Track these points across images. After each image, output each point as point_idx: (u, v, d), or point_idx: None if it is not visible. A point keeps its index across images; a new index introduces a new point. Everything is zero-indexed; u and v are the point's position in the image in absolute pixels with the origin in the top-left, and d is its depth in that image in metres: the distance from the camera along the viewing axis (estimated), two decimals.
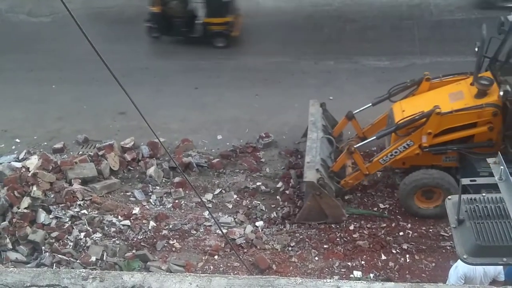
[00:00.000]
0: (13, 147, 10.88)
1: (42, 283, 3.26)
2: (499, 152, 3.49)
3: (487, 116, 7.83)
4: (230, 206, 9.16)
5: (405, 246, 8.19)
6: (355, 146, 8.46)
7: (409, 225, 8.59)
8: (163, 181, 9.76)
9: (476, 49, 7.95)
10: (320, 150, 8.77)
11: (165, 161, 10.08)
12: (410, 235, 8.40)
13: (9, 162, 9.93)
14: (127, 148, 10.20)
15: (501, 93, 7.63)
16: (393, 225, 8.61)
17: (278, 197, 9.29)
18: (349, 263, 7.96)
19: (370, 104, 9.16)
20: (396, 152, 8.21)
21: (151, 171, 9.65)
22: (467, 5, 14.86)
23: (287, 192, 9.26)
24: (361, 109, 9.28)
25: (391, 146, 8.36)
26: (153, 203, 9.27)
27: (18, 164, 9.66)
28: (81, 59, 13.25)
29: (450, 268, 6.39)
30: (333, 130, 9.78)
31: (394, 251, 8.14)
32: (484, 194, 3.32)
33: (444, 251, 8.10)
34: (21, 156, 10.33)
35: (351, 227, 8.55)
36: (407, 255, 8.06)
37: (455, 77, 8.78)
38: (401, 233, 8.43)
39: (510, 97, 7.67)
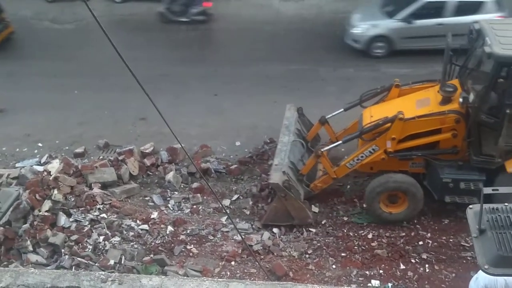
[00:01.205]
0: (36, 151, 11.10)
1: (62, 285, 3.32)
2: None
3: (450, 123, 7.87)
4: (248, 213, 9.17)
5: (424, 256, 8.07)
6: (322, 150, 8.54)
7: (429, 234, 8.47)
8: (182, 186, 9.83)
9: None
10: (290, 153, 8.87)
11: (183, 167, 10.16)
12: (429, 245, 8.28)
13: (31, 166, 10.14)
14: (146, 153, 10.31)
15: (460, 99, 7.68)
16: (412, 234, 8.50)
17: None
18: (367, 272, 7.88)
19: (342, 110, 9.33)
20: (362, 157, 8.31)
21: (169, 176, 9.72)
22: None
23: None
24: (333, 114, 9.40)
25: (357, 150, 8.48)
26: (171, 208, 9.33)
27: (40, 168, 9.85)
28: (102, 65, 13.52)
29: (470, 279, 6.26)
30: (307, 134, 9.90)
31: (413, 261, 8.03)
32: (506, 204, 3.25)
33: (464, 261, 7.96)
34: (43, 160, 10.53)
35: (370, 236, 8.47)
36: (427, 265, 7.95)
37: (424, 84, 8.91)
38: (420, 243, 8.32)
39: (470, 104, 7.71)
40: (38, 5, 18.16)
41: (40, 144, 11.28)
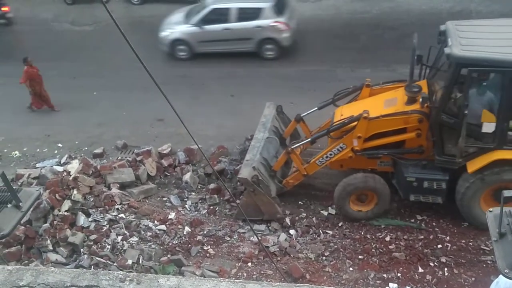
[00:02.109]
0: (56, 152, 11.27)
1: (81, 284, 3.37)
2: None
3: (414, 123, 7.95)
4: None
5: (443, 259, 7.96)
6: (292, 147, 8.73)
7: (448, 237, 8.35)
8: (198, 187, 9.88)
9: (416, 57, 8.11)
10: (263, 149, 9.02)
11: (200, 167, 10.21)
12: (449, 248, 8.16)
13: (52, 166, 10.30)
14: (164, 154, 10.40)
15: (420, 99, 7.75)
16: (431, 237, 8.39)
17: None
18: (385, 275, 7.80)
19: (316, 108, 9.51)
20: (331, 154, 8.50)
21: (187, 177, 9.79)
22: (510, 11, 14.40)
23: None
24: (308, 112, 9.57)
25: (326, 148, 8.63)
26: (188, 209, 9.39)
27: (60, 168, 10.00)
28: (121, 66, 13.68)
29: (490, 283, 6.15)
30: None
31: (431, 264, 7.93)
32: None
33: (484, 265, 7.82)
34: (62, 160, 10.69)
35: (387, 238, 8.38)
36: (446, 269, 7.83)
37: (394, 84, 9.01)
38: (439, 246, 8.20)
39: (430, 104, 7.78)
40: (58, 8, 18.49)
41: (60, 145, 11.46)
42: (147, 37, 15.16)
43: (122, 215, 8.94)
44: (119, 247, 8.32)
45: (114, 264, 7.85)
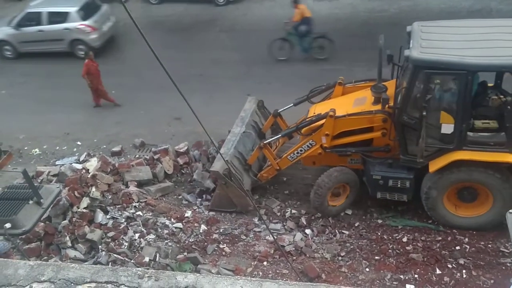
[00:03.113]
0: (75, 149, 11.45)
1: (101, 280, 3.42)
2: None
3: (378, 122, 8.18)
4: (278, 214, 9.17)
5: (461, 261, 7.85)
6: (264, 142, 8.99)
7: (467, 239, 8.23)
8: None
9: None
10: (238, 143, 9.21)
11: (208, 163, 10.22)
12: (467, 250, 8.05)
13: (71, 164, 10.45)
14: (180, 153, 10.47)
15: (381, 100, 7.88)
16: (449, 238, 8.29)
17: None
18: (402, 276, 7.73)
19: (292, 104, 9.69)
20: (301, 150, 8.78)
21: (195, 174, 9.79)
22: None
23: None
24: (284, 108, 9.78)
25: (297, 144, 8.85)
26: (204, 207, 9.43)
27: (79, 166, 10.14)
28: (139, 66, 13.83)
29: (510, 286, 6.08)
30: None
31: (449, 266, 7.82)
32: None
33: (503, 267, 7.69)
34: (81, 158, 10.85)
35: (405, 239, 8.31)
36: (464, 271, 7.72)
37: (366, 83, 9.14)
38: (457, 247, 8.10)
39: (392, 105, 7.92)
40: None
41: (79, 143, 11.63)
42: (165, 36, 15.30)
43: (139, 212, 9.02)
44: (136, 244, 8.40)
45: (132, 261, 7.92)
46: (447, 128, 7.49)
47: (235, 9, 17.91)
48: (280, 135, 9.28)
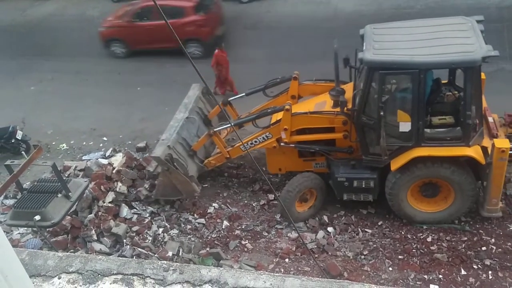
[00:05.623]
0: (101, 145, 11.66)
1: (127, 272, 3.49)
2: None
3: (338, 124, 8.30)
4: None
5: (487, 262, 7.71)
6: (214, 130, 8.92)
7: (493, 240, 8.08)
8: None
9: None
10: (181, 129, 9.01)
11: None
12: (493, 251, 7.90)
13: (97, 159, 10.65)
14: None
15: (339, 103, 7.93)
16: (475, 239, 8.15)
17: None
18: (426, 276, 7.64)
19: (244, 94, 9.70)
20: (256, 142, 8.77)
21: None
22: None
23: None
24: (235, 97, 9.80)
25: (252, 135, 8.75)
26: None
27: (105, 161, 10.33)
28: (163, 62, 13.97)
29: None
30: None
31: (475, 267, 7.70)
32: None
33: None
34: (107, 154, 11.04)
35: (429, 239, 8.20)
36: (490, 272, 7.59)
37: (326, 83, 9.10)
38: (483, 248, 7.96)
39: (350, 107, 7.99)
40: (104, 5, 19.02)
41: (105, 138, 11.83)
42: None
43: (163, 208, 9.14)
44: (160, 239, 8.52)
45: (155, 255, 8.04)
46: (405, 126, 7.62)
47: (258, 6, 17.88)
48: (232, 124, 9.05)
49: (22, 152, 11.07)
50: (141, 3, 15.06)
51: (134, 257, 8.05)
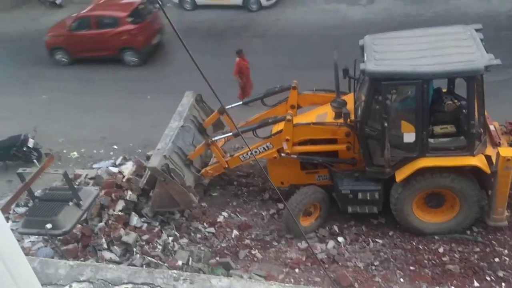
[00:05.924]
0: (111, 153, 11.72)
1: (137, 281, 3.48)
2: None
3: (341, 135, 8.22)
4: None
5: (501, 274, 7.59)
6: (212, 139, 8.79)
7: (506, 251, 7.97)
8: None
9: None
10: (177, 138, 8.83)
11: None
12: (507, 262, 7.78)
13: (107, 167, 10.70)
14: None
15: (342, 115, 7.87)
16: (487, 250, 8.03)
17: None
18: None
19: (241, 102, 9.75)
20: (256, 152, 8.64)
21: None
22: None
23: None
24: (232, 105, 9.53)
25: (253, 145, 8.62)
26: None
27: (115, 169, 10.36)
28: (173, 71, 14.05)
29: None
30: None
31: (488, 278, 7.58)
32: None
33: None
34: (118, 162, 11.09)
35: (441, 250, 8.10)
36: (503, 284, 7.47)
37: (326, 94, 9.03)
38: (496, 259, 7.84)
39: (353, 119, 7.95)
40: None
41: (115, 146, 11.89)
42: (199, 42, 15.48)
43: (173, 216, 9.14)
44: (170, 247, 8.51)
45: (165, 264, 8.02)
46: (409, 137, 7.61)
47: (267, 15, 17.98)
48: (231, 133, 8.99)
49: (34, 160, 11.21)
50: (78, 14, 16.10)
51: (144, 266, 8.03)
